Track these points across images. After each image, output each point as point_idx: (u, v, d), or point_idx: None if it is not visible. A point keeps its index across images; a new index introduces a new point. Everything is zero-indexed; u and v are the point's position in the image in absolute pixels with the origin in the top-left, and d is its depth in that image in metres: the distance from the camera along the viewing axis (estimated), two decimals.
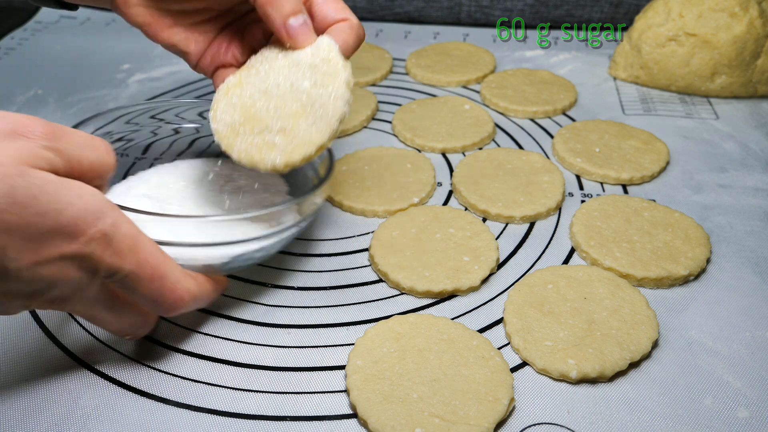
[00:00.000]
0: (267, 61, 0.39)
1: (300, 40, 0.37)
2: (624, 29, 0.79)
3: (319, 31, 0.39)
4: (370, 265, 0.46)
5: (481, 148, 0.58)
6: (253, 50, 0.42)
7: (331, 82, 0.36)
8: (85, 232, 0.29)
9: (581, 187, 0.53)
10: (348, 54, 0.39)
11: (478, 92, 0.67)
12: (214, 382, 0.37)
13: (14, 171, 0.28)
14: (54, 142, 0.30)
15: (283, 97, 0.37)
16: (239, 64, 0.43)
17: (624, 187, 0.53)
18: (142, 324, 0.37)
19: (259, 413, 0.36)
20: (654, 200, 0.51)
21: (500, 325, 0.41)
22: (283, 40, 0.38)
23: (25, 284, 0.29)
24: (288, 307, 0.42)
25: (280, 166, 0.36)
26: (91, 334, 0.40)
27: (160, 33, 0.43)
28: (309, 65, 0.37)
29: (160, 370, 0.38)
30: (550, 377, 0.37)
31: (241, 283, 0.44)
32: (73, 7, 0.46)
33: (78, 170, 0.31)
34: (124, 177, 0.44)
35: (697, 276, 0.44)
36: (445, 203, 0.52)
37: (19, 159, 0.28)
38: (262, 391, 0.37)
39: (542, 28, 0.82)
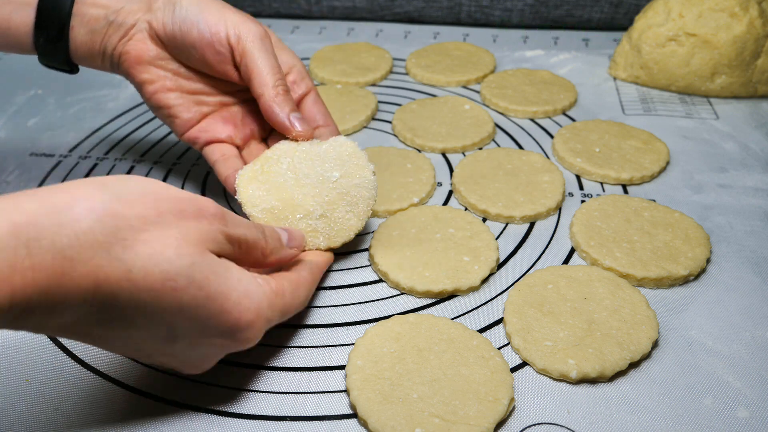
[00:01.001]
0: (286, 154, 0.43)
1: (304, 132, 0.43)
2: (624, 29, 0.79)
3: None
4: (370, 265, 0.46)
5: (481, 148, 0.58)
6: (250, 132, 0.47)
7: (358, 172, 0.42)
8: (241, 332, 0.32)
9: (581, 187, 0.53)
10: (275, 61, 0.43)
11: (478, 92, 0.67)
12: (214, 382, 0.37)
13: (196, 250, 0.29)
14: (224, 226, 0.32)
15: (317, 186, 0.42)
16: (233, 143, 0.47)
17: (624, 187, 0.53)
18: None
19: (259, 413, 0.36)
20: (654, 200, 0.51)
21: (500, 325, 0.41)
22: (287, 132, 0.43)
23: (180, 354, 0.32)
24: None
25: (323, 248, 0.42)
26: None
27: (158, 93, 0.45)
28: (334, 158, 0.42)
29: (160, 371, 0.38)
30: (550, 377, 0.37)
31: None
32: (75, 69, 0.48)
33: (237, 252, 0.33)
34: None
35: (697, 276, 0.44)
36: (445, 203, 0.52)
37: (201, 241, 0.30)
38: (262, 391, 0.37)
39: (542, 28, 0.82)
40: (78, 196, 0.26)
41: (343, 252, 0.47)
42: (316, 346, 0.40)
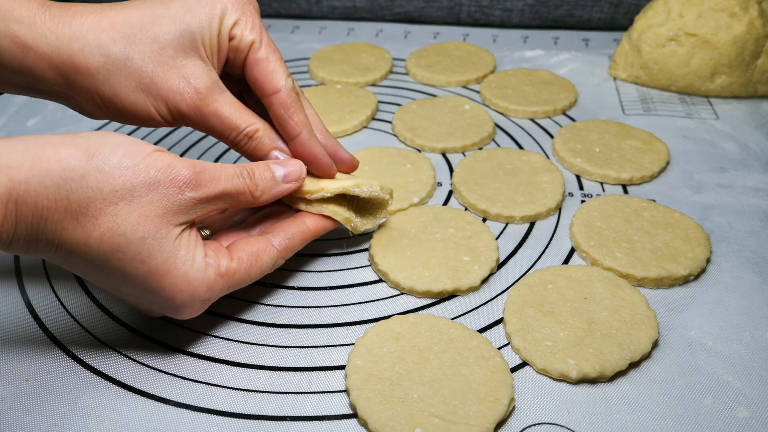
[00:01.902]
0: None
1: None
2: (624, 29, 0.79)
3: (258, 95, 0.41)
4: (370, 265, 0.46)
5: (481, 148, 0.58)
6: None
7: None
8: (176, 309, 0.36)
9: (581, 187, 0.53)
10: (305, 117, 0.41)
11: (478, 92, 0.67)
12: (214, 382, 0.37)
13: (152, 226, 0.32)
14: (196, 191, 0.34)
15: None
16: None
17: (624, 187, 0.53)
18: None
19: (259, 413, 0.36)
20: (654, 200, 0.51)
21: (500, 325, 0.41)
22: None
23: (138, 303, 0.37)
24: (288, 307, 0.42)
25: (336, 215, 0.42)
26: (92, 335, 0.40)
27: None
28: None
29: (160, 370, 0.38)
30: (550, 377, 0.37)
31: None
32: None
33: (222, 205, 0.36)
34: None
35: (697, 276, 0.44)
36: (445, 203, 0.52)
37: (166, 214, 0.33)
38: (262, 391, 0.37)
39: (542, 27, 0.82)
40: (65, 164, 0.30)
41: (343, 252, 0.47)
42: (316, 346, 0.40)
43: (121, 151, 0.32)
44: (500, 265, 0.46)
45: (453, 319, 0.41)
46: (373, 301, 0.43)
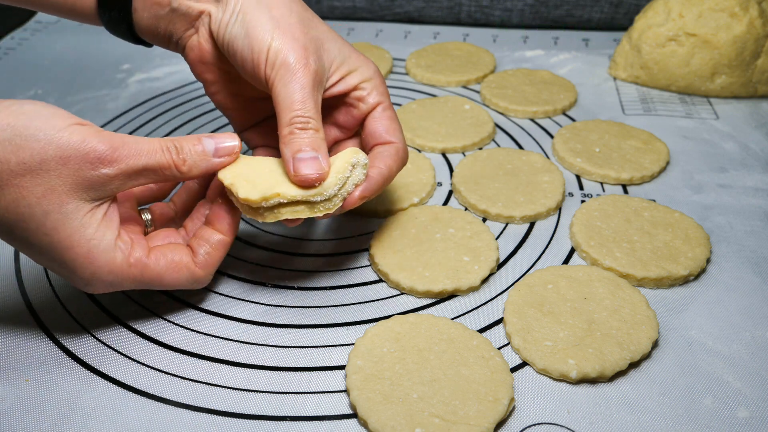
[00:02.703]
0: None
1: (302, 178, 0.37)
2: (624, 29, 0.79)
3: (367, 144, 0.43)
4: (370, 265, 0.46)
5: (481, 148, 0.58)
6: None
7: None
8: (79, 282, 0.36)
9: (581, 187, 0.53)
10: (391, 177, 0.41)
11: (478, 92, 0.67)
12: (214, 382, 0.37)
13: (58, 200, 0.33)
14: (111, 167, 0.33)
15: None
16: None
17: (624, 187, 0.53)
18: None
19: (259, 413, 0.36)
20: (654, 200, 0.51)
21: (500, 325, 0.41)
22: (289, 174, 0.38)
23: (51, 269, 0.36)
24: (288, 307, 0.42)
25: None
26: (92, 335, 0.40)
27: (220, 93, 0.44)
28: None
29: (160, 370, 0.38)
30: (550, 377, 0.37)
31: (241, 283, 0.44)
32: (148, 44, 0.46)
33: (145, 180, 0.36)
34: None
35: (697, 276, 0.44)
36: (445, 203, 0.52)
37: (73, 189, 0.33)
38: (262, 391, 0.37)
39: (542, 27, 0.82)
40: None
41: (343, 252, 0.47)
42: (316, 346, 0.40)
43: (37, 123, 0.32)
44: (500, 265, 0.46)
45: (453, 319, 0.41)
46: (373, 301, 0.43)
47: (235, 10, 0.39)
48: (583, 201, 0.51)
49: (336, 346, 0.40)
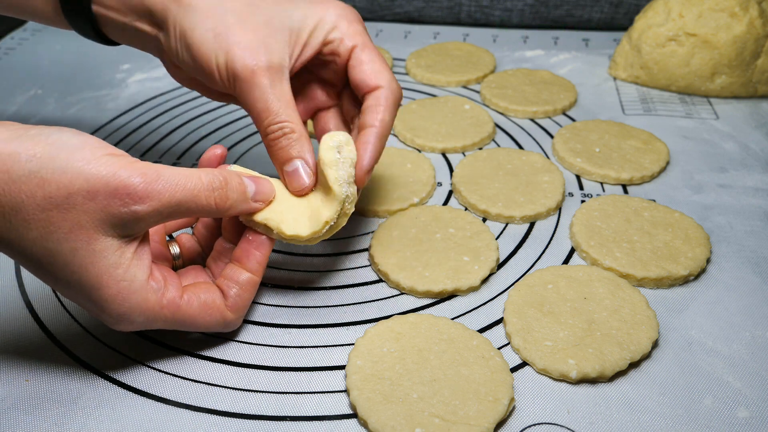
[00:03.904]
0: None
1: (295, 190, 0.38)
2: (624, 29, 0.79)
3: (359, 94, 0.41)
4: (370, 265, 0.46)
5: (481, 148, 0.58)
6: (310, 109, 0.44)
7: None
8: (111, 323, 0.34)
9: (581, 187, 0.53)
10: (387, 128, 0.40)
11: (478, 92, 0.67)
12: (214, 382, 0.37)
13: (85, 237, 0.31)
14: (142, 203, 0.31)
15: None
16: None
17: (624, 187, 0.53)
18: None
19: (259, 413, 0.36)
20: (654, 200, 0.51)
21: (500, 325, 0.41)
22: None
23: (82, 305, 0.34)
24: (288, 307, 0.42)
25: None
26: (92, 335, 0.40)
27: (209, 94, 0.43)
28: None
29: (160, 370, 0.38)
30: (550, 377, 0.37)
31: None
32: (115, 43, 0.45)
33: (176, 215, 0.33)
34: None
35: (697, 276, 0.44)
36: (445, 203, 0.52)
37: (101, 226, 0.31)
38: (262, 391, 0.37)
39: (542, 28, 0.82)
40: (8, 164, 0.29)
41: (343, 252, 0.47)
42: (316, 346, 0.40)
43: (64, 154, 0.30)
44: (500, 265, 0.46)
45: (453, 319, 0.41)
46: (373, 301, 0.43)
47: (176, 35, 0.38)
48: (583, 201, 0.51)
49: (336, 346, 0.40)
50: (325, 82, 0.44)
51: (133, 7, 0.39)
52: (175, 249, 0.40)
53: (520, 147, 0.59)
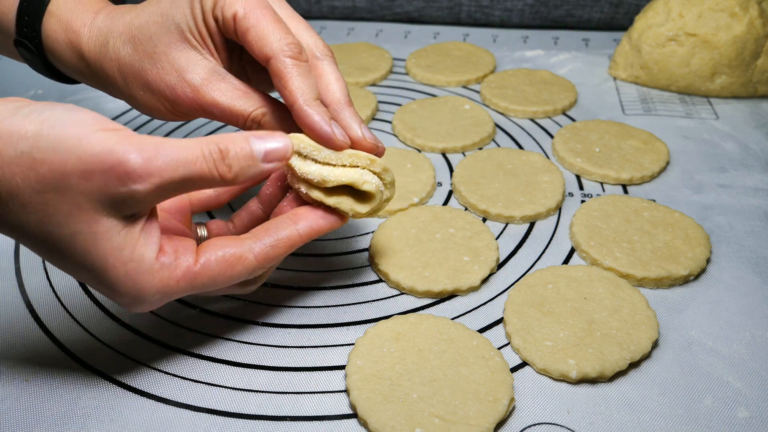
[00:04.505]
0: None
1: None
2: (624, 29, 0.79)
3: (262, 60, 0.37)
4: (370, 265, 0.46)
5: (481, 148, 0.58)
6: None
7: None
8: (125, 305, 0.32)
9: (581, 187, 0.53)
10: (305, 86, 0.35)
11: (478, 92, 0.67)
12: (214, 382, 0.37)
13: (85, 218, 0.29)
14: (142, 182, 0.28)
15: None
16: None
17: (624, 187, 0.53)
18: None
19: (259, 413, 0.36)
20: (654, 200, 0.51)
21: (500, 325, 0.41)
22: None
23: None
24: (288, 307, 0.42)
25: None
26: (92, 335, 0.40)
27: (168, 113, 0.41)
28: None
29: (160, 370, 0.38)
30: (550, 377, 0.37)
31: None
32: (73, 81, 0.46)
33: (182, 191, 0.31)
34: None
35: (697, 276, 0.44)
36: (445, 203, 0.52)
37: (100, 206, 0.29)
38: (262, 391, 0.37)
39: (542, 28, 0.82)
40: (0, 145, 0.28)
41: (343, 252, 0.47)
42: (316, 346, 0.40)
43: (56, 131, 0.28)
44: (500, 265, 0.46)
45: (453, 319, 0.41)
46: (373, 301, 0.43)
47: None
48: (583, 201, 0.51)
49: (336, 346, 0.40)
50: (254, 71, 0.41)
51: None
52: (202, 232, 0.39)
53: (520, 147, 0.59)
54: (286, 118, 0.37)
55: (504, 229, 0.49)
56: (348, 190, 0.36)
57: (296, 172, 0.35)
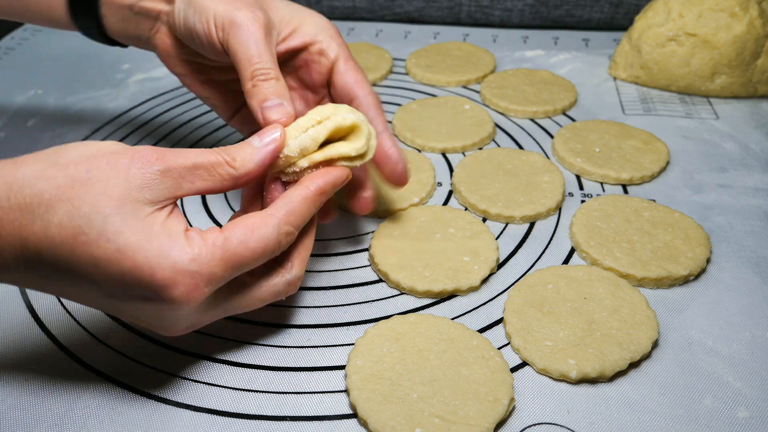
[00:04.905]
0: None
1: (274, 122, 0.37)
2: (624, 29, 0.79)
3: (338, 100, 0.43)
4: (370, 265, 0.46)
5: (481, 148, 0.58)
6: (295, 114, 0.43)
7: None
8: (162, 290, 0.30)
9: (581, 187, 0.53)
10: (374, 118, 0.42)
11: (478, 92, 0.67)
12: (214, 382, 0.37)
13: (115, 204, 0.30)
14: (161, 164, 0.31)
15: None
16: None
17: (624, 187, 0.53)
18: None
19: (259, 413, 0.36)
20: (654, 200, 0.51)
21: (500, 325, 0.41)
22: (260, 124, 0.38)
23: (131, 313, 0.32)
24: (288, 307, 0.42)
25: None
26: (91, 334, 0.40)
27: (193, 84, 0.46)
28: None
29: (160, 370, 0.38)
30: (550, 377, 0.37)
31: None
32: (124, 45, 0.49)
33: (196, 177, 0.33)
34: None
35: (697, 276, 0.44)
36: (445, 203, 0.52)
37: (128, 191, 0.30)
38: (262, 391, 0.37)
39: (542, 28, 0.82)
40: (20, 166, 0.29)
41: (343, 252, 0.47)
42: (316, 346, 0.40)
43: (78, 147, 0.31)
44: (500, 265, 0.46)
45: (453, 319, 0.41)
46: (373, 301, 0.43)
47: (184, 1, 0.41)
48: (583, 201, 0.51)
49: (336, 346, 0.40)
50: (304, 85, 0.45)
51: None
52: None
53: (520, 147, 0.59)
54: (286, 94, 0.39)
55: (504, 229, 0.49)
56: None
57: (290, 160, 0.36)
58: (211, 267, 0.31)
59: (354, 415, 0.35)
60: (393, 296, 0.43)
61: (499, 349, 0.39)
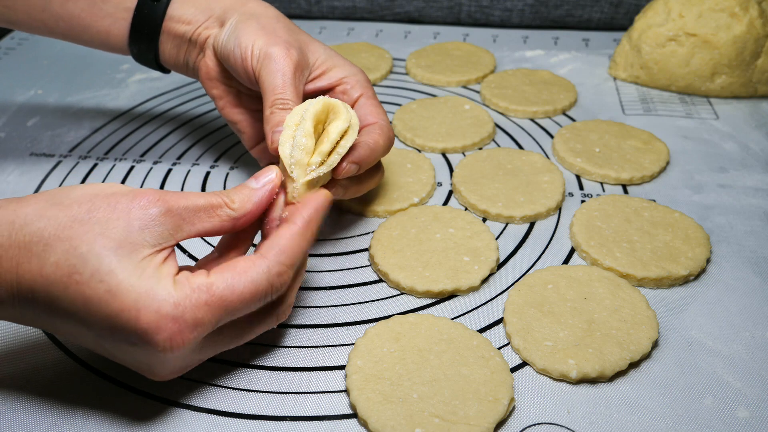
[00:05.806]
0: None
1: (277, 140, 0.38)
2: (624, 29, 0.79)
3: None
4: (370, 265, 0.46)
5: (481, 148, 0.58)
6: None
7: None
8: (147, 335, 0.30)
9: (581, 187, 0.53)
10: (377, 150, 0.42)
11: (478, 92, 0.67)
12: (214, 383, 0.37)
13: (111, 244, 0.30)
14: (162, 205, 0.32)
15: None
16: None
17: (624, 187, 0.53)
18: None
19: (259, 413, 0.36)
20: (654, 200, 0.51)
21: (500, 325, 0.41)
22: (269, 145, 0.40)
23: (120, 356, 0.33)
24: None
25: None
26: None
27: (226, 107, 0.49)
28: None
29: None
30: (550, 377, 0.37)
31: None
32: (167, 70, 0.52)
33: (195, 220, 0.33)
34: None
35: (697, 276, 0.44)
36: (445, 203, 0.52)
37: (127, 233, 0.30)
38: (262, 391, 0.37)
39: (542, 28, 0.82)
40: (24, 205, 0.31)
41: (343, 252, 0.47)
42: (316, 346, 0.40)
43: (81, 188, 0.32)
44: (500, 265, 0.46)
45: (453, 319, 0.41)
46: (373, 301, 0.43)
47: (230, 27, 0.45)
48: (583, 201, 0.51)
49: (336, 346, 0.40)
50: None
51: (207, 9, 0.47)
52: None
53: (520, 147, 0.59)
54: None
55: (504, 229, 0.49)
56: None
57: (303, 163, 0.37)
58: (195, 312, 0.30)
59: (354, 415, 0.35)
60: (393, 296, 0.43)
61: (499, 349, 0.39)
